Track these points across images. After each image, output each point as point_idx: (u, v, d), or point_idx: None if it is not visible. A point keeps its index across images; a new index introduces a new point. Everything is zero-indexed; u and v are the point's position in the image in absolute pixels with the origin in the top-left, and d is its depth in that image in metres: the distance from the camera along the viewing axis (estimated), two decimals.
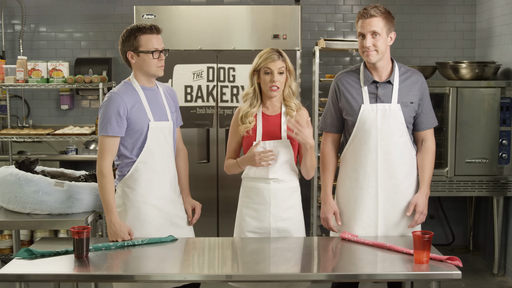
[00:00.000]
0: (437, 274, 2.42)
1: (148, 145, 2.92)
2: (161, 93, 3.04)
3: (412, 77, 2.98)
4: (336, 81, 3.06)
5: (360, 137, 2.97)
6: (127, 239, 2.80)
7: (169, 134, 3.01)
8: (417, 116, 3.00)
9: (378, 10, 2.87)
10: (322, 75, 5.05)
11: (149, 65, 2.91)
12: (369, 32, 2.86)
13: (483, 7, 5.16)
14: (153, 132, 2.93)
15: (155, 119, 2.94)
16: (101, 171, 2.85)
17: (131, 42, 2.90)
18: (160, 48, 2.92)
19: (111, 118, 2.84)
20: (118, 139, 2.88)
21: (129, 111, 2.87)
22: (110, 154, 2.87)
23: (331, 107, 3.08)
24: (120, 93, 2.89)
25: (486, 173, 4.57)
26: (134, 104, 2.90)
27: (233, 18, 4.60)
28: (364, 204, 2.98)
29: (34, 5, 5.40)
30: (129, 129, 2.90)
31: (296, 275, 2.51)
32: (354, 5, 5.36)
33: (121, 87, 2.95)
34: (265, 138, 2.98)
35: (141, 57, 2.90)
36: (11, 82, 4.66)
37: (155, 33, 2.91)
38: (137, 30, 2.90)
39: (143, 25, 2.92)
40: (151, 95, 2.98)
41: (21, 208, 3.05)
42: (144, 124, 2.91)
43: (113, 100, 2.87)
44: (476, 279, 4.60)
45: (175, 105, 3.12)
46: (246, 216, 3.03)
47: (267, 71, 2.94)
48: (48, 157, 5.05)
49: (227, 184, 4.57)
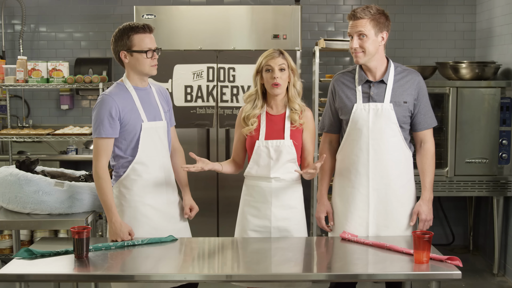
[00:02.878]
0: (437, 274, 2.42)
1: (143, 145, 2.92)
2: (154, 92, 3.05)
3: (408, 76, 2.97)
4: (332, 82, 3.09)
5: (352, 136, 2.98)
6: (127, 239, 2.81)
7: (164, 133, 3.02)
8: (414, 116, 2.98)
9: (367, 11, 2.85)
10: (322, 75, 5.05)
11: (142, 65, 2.91)
12: (355, 34, 2.87)
13: (483, 7, 5.16)
14: (147, 132, 2.93)
15: (148, 119, 2.95)
16: (96, 173, 2.86)
17: (124, 41, 2.90)
18: (153, 47, 2.92)
19: (103, 120, 2.85)
20: (112, 140, 2.89)
21: (121, 112, 2.88)
22: (105, 155, 2.88)
23: (329, 108, 3.10)
24: (111, 95, 2.89)
25: (486, 173, 4.57)
26: (126, 105, 2.90)
27: (233, 18, 4.60)
28: (356, 204, 2.98)
29: (34, 5, 5.40)
30: (123, 130, 2.91)
31: (297, 275, 2.51)
32: (354, 5, 5.35)
33: (113, 88, 2.95)
34: (268, 138, 2.99)
35: (135, 56, 2.90)
36: (11, 82, 4.66)
37: (148, 32, 2.91)
38: (130, 29, 2.90)
39: (135, 24, 2.92)
40: (144, 95, 2.98)
41: (21, 208, 3.05)
42: (137, 125, 2.92)
43: (105, 102, 2.87)
44: (476, 279, 4.60)
45: (168, 105, 3.13)
46: (247, 214, 3.04)
47: (268, 69, 2.95)
48: (48, 157, 5.05)
49: (227, 184, 4.57)
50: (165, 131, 3.03)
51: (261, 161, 2.99)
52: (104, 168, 2.86)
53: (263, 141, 2.98)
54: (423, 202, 2.98)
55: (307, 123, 3.03)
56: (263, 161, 2.99)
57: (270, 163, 2.98)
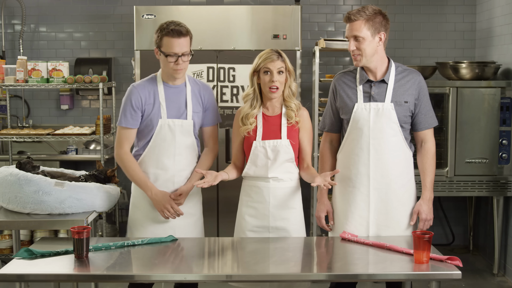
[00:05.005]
0: (437, 274, 2.42)
1: (154, 140, 3.03)
2: (188, 92, 3.09)
3: (409, 76, 2.97)
4: (334, 81, 3.08)
5: (353, 136, 2.98)
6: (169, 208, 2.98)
7: (185, 132, 3.07)
8: (414, 116, 2.98)
9: (362, 12, 2.84)
10: (322, 75, 5.05)
11: (166, 66, 3.01)
12: (351, 37, 2.88)
13: (483, 7, 5.16)
14: (162, 129, 3.02)
15: (168, 116, 3.03)
16: (120, 158, 3.03)
17: (158, 39, 3.00)
18: (179, 52, 2.95)
19: (126, 111, 3.02)
20: (132, 131, 3.04)
21: (143, 104, 3.00)
22: (127, 142, 3.04)
23: (330, 107, 3.10)
24: (138, 86, 3.04)
25: (486, 173, 4.57)
26: (149, 98, 3.02)
27: (233, 18, 4.60)
28: (356, 203, 2.98)
29: (34, 5, 5.40)
30: (144, 121, 3.03)
31: (296, 275, 2.51)
32: (354, 5, 5.35)
33: (143, 81, 3.09)
34: (265, 138, 2.99)
35: (162, 56, 3.01)
36: (11, 82, 4.66)
37: (176, 37, 2.94)
38: (162, 29, 2.98)
39: (168, 26, 2.96)
40: (172, 93, 3.06)
41: (21, 208, 3.05)
42: (156, 120, 3.02)
43: (129, 93, 3.03)
44: (476, 279, 4.60)
45: (205, 105, 3.15)
46: (245, 214, 3.04)
47: (266, 71, 2.94)
48: (48, 157, 5.05)
49: (227, 184, 4.53)
50: (188, 130, 3.08)
51: (259, 161, 2.99)
52: (126, 153, 3.03)
53: (260, 141, 2.98)
54: (423, 201, 2.99)
55: (303, 122, 3.03)
56: (260, 161, 2.99)
57: (267, 163, 2.98)
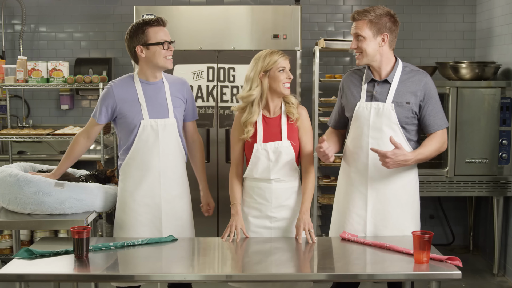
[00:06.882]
0: (437, 274, 2.42)
1: (137, 141, 3.01)
2: (166, 87, 3.07)
3: (415, 77, 2.96)
4: (343, 78, 3.13)
5: (354, 135, 2.99)
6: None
7: (169, 131, 3.04)
8: (422, 118, 2.94)
9: (368, 13, 2.86)
10: (322, 75, 5.05)
11: (158, 57, 2.99)
12: (353, 35, 2.92)
13: (483, 7, 5.16)
14: (144, 130, 3.00)
15: (150, 116, 3.00)
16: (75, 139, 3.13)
17: (139, 36, 2.98)
18: (168, 39, 3.01)
19: (99, 106, 3.05)
20: (99, 126, 3.09)
21: (119, 104, 3.00)
22: (87, 131, 3.11)
23: (337, 104, 3.15)
24: (114, 86, 3.04)
25: (486, 173, 4.57)
26: (126, 98, 3.00)
27: (233, 18, 4.60)
28: (354, 202, 2.98)
29: (34, 5, 5.40)
30: (122, 121, 3.03)
31: (297, 275, 2.51)
32: (354, 5, 5.35)
33: (120, 80, 3.09)
34: (266, 141, 2.99)
35: (151, 49, 2.98)
36: (11, 82, 4.66)
37: (161, 25, 3.01)
38: (144, 24, 2.99)
39: (149, 18, 3.01)
40: (151, 90, 3.04)
41: (22, 209, 3.04)
42: (137, 120, 3.00)
43: (106, 92, 3.05)
44: (476, 279, 4.60)
45: (184, 99, 3.14)
46: (249, 215, 3.04)
47: (282, 69, 2.94)
48: (48, 157, 5.05)
49: (227, 184, 4.53)
50: (172, 127, 3.06)
51: (260, 163, 2.98)
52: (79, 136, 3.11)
53: (261, 144, 2.97)
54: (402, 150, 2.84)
55: (302, 121, 3.02)
56: (262, 163, 2.98)
57: (269, 165, 2.97)
